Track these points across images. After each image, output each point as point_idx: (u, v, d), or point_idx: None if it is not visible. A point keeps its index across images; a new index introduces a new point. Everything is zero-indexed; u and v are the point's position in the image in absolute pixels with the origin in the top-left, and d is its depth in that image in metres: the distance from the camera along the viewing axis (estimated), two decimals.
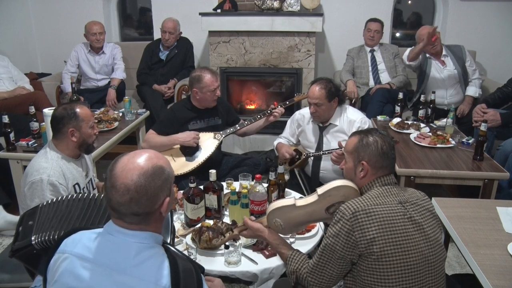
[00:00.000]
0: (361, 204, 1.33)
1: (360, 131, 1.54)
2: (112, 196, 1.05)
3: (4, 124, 2.66)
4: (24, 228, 1.42)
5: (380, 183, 1.42)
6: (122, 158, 1.09)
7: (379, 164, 1.42)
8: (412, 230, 1.33)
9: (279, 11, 3.93)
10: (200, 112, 2.81)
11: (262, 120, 2.91)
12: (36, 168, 1.81)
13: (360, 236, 1.30)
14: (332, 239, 1.34)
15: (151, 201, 1.06)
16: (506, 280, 1.40)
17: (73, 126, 1.88)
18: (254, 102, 4.40)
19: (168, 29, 3.99)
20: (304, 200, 1.53)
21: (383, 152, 1.42)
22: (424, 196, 1.47)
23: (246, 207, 2.01)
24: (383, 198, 1.37)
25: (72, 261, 1.08)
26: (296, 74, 4.08)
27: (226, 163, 2.98)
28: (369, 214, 1.31)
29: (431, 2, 4.52)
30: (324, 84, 2.53)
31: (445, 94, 3.63)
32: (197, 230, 1.86)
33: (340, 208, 1.36)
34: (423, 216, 1.38)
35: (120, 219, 1.07)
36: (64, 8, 4.66)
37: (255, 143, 4.14)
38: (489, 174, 2.40)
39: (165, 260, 1.06)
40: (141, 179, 1.04)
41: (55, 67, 4.53)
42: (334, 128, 2.63)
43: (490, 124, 2.85)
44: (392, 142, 1.47)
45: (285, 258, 1.53)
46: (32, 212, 1.46)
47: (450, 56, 3.64)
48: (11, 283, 1.83)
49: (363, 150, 1.44)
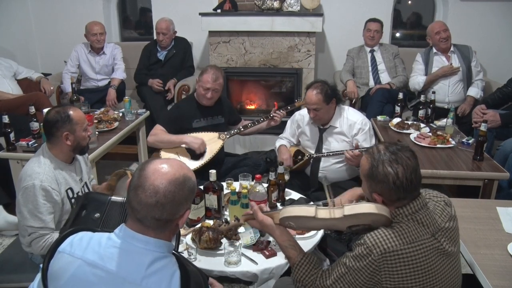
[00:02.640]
0: (392, 244, 1.21)
1: (372, 150, 1.31)
2: (136, 196, 1.04)
3: (4, 124, 2.66)
4: (87, 216, 1.40)
5: (408, 211, 1.26)
6: (155, 160, 1.09)
7: (394, 197, 1.26)
8: (443, 263, 1.27)
9: (279, 11, 3.93)
10: (204, 110, 2.82)
11: (264, 124, 2.95)
12: (29, 173, 1.80)
13: (386, 277, 1.22)
14: (354, 273, 1.25)
15: (175, 209, 1.06)
16: (506, 280, 1.40)
17: (67, 129, 1.84)
18: (254, 102, 4.40)
19: (161, 29, 3.98)
20: (327, 213, 1.35)
21: (397, 186, 1.23)
22: (450, 207, 1.36)
23: (246, 207, 2.01)
24: (415, 234, 1.23)
25: (82, 267, 1.05)
26: (296, 74, 4.08)
27: (226, 163, 2.98)
28: (400, 257, 1.21)
29: (431, 2, 4.52)
30: (319, 88, 2.50)
31: (447, 92, 3.64)
32: (197, 230, 1.86)
33: (366, 241, 1.23)
34: (453, 240, 1.31)
35: (139, 222, 1.06)
36: (64, 8, 4.66)
37: (255, 143, 4.14)
38: (489, 174, 2.40)
39: (176, 271, 1.05)
40: (171, 185, 1.04)
41: (55, 67, 4.53)
42: (334, 130, 2.63)
43: (490, 125, 2.85)
44: (412, 164, 1.25)
45: (293, 263, 1.43)
46: (100, 202, 1.44)
47: (457, 54, 3.68)
48: (11, 283, 1.83)
49: (374, 182, 1.27)
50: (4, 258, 1.99)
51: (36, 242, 1.78)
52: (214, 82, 2.68)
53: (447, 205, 1.37)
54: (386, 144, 1.32)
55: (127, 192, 1.08)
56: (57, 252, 1.09)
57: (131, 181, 1.08)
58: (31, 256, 1.90)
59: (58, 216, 1.86)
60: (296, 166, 2.71)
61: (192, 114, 2.80)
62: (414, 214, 1.26)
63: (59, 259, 1.08)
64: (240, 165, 2.98)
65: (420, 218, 1.26)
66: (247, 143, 4.16)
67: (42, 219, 1.77)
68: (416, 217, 1.26)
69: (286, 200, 2.33)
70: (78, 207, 1.61)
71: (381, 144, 1.34)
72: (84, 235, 1.12)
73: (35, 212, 1.76)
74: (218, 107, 2.87)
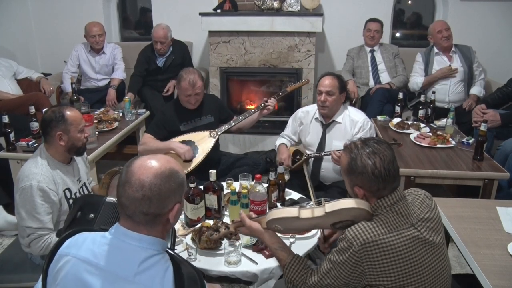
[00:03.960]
0: (371, 234, 1.24)
1: (350, 146, 1.37)
2: (124, 191, 1.05)
3: (4, 124, 2.66)
4: (82, 217, 1.42)
5: (387, 203, 1.30)
6: (142, 157, 1.11)
7: (374, 188, 1.30)
8: (426, 253, 1.28)
9: (279, 11, 3.93)
10: (191, 112, 2.81)
11: (256, 114, 2.93)
12: (26, 174, 1.80)
13: (369, 267, 1.24)
14: (338, 267, 1.28)
15: (162, 203, 1.06)
16: (506, 280, 1.40)
17: (61, 130, 1.84)
18: (254, 102, 4.39)
19: (158, 38, 3.87)
20: (309, 212, 1.41)
21: (376, 176, 1.28)
22: (430, 199, 1.40)
23: (246, 207, 2.01)
24: (394, 224, 1.27)
25: (76, 264, 1.06)
26: (296, 74, 4.08)
27: (225, 163, 2.98)
28: (379, 246, 1.23)
29: (431, 2, 4.52)
30: (336, 75, 2.59)
31: (448, 92, 3.64)
32: (197, 230, 1.86)
33: (347, 234, 1.27)
34: (435, 230, 1.32)
35: (129, 218, 1.07)
36: (64, 8, 4.65)
37: (254, 143, 4.14)
38: (489, 174, 2.40)
39: (169, 267, 1.06)
40: (157, 178, 1.05)
41: (55, 67, 4.53)
42: (336, 126, 2.63)
43: (490, 125, 2.85)
44: (388, 154, 1.30)
45: (283, 264, 1.46)
46: (95, 203, 1.46)
47: (458, 54, 3.69)
48: (11, 283, 1.83)
49: (354, 175, 1.32)
50: (4, 258, 2.00)
51: (35, 243, 1.78)
52: (193, 88, 2.67)
53: (427, 197, 1.40)
54: (363, 139, 1.38)
55: (117, 189, 1.10)
56: (57, 254, 1.11)
57: (119, 178, 1.09)
58: (31, 256, 1.90)
59: (56, 217, 1.86)
60: (295, 166, 2.71)
61: (178, 117, 2.80)
62: (393, 206, 1.30)
63: (57, 261, 1.10)
64: (239, 164, 2.98)
65: (398, 209, 1.29)
66: (247, 143, 4.16)
67: (40, 220, 1.77)
68: (394, 208, 1.29)
69: (286, 200, 2.33)
70: (76, 210, 1.62)
71: (357, 140, 1.39)
72: (80, 235, 1.13)
73: (33, 212, 1.76)
74: (205, 107, 2.85)
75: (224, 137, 2.92)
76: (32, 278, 1.80)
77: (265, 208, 2.10)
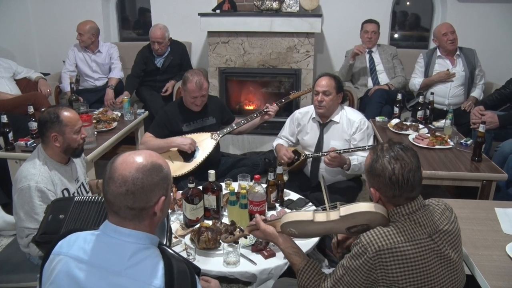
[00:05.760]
0: (386, 242, 1.21)
1: (377, 147, 1.34)
2: (109, 188, 1.07)
3: (3, 124, 2.65)
4: (53, 218, 1.45)
5: (406, 211, 1.27)
6: (124, 153, 1.12)
7: (389, 193, 1.27)
8: (440, 266, 1.26)
9: (278, 11, 3.94)
10: (192, 113, 2.81)
11: (257, 119, 2.94)
12: (24, 175, 1.80)
13: (382, 275, 1.23)
14: (351, 273, 1.26)
15: (147, 196, 1.07)
16: (504, 281, 1.40)
17: (55, 131, 1.83)
18: (253, 103, 4.40)
19: (156, 38, 3.89)
20: (324, 216, 1.39)
21: (393, 182, 1.24)
22: (450, 212, 1.37)
23: (245, 207, 2.02)
24: (411, 233, 1.24)
25: (68, 262, 1.08)
26: (295, 75, 4.08)
27: (224, 164, 2.98)
28: (394, 254, 1.21)
29: (429, 3, 4.53)
30: (333, 76, 2.60)
31: (447, 94, 3.65)
32: (196, 231, 1.87)
33: (362, 240, 1.24)
34: (453, 245, 1.30)
35: (115, 214, 1.08)
36: (63, 8, 4.65)
37: (253, 144, 4.14)
38: (487, 175, 2.40)
39: (160, 261, 1.07)
40: (139, 172, 1.07)
41: (54, 67, 4.53)
42: (334, 126, 2.64)
43: (488, 126, 2.85)
44: (411, 162, 1.26)
45: (297, 269, 1.45)
46: (65, 204, 1.47)
47: (462, 58, 3.68)
48: (9, 283, 1.83)
49: (372, 176, 1.30)
50: (2, 258, 1.99)
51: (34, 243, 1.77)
52: (200, 90, 2.67)
53: (447, 209, 1.37)
54: (391, 142, 1.34)
55: (102, 187, 1.12)
56: (51, 254, 1.13)
57: (104, 176, 1.10)
58: (29, 257, 1.89)
59: None
60: (293, 166, 2.72)
61: (181, 118, 2.80)
62: (412, 214, 1.27)
63: (51, 261, 1.12)
64: (238, 165, 2.98)
65: (417, 218, 1.27)
66: (246, 144, 4.16)
67: (39, 220, 1.75)
68: (413, 217, 1.27)
69: (285, 200, 2.33)
70: (48, 214, 1.62)
71: (387, 142, 1.36)
72: (73, 235, 1.15)
73: (31, 213, 1.76)
74: (208, 108, 2.85)
75: (224, 138, 2.92)
76: (30, 278, 1.80)
77: (264, 208, 2.11)
